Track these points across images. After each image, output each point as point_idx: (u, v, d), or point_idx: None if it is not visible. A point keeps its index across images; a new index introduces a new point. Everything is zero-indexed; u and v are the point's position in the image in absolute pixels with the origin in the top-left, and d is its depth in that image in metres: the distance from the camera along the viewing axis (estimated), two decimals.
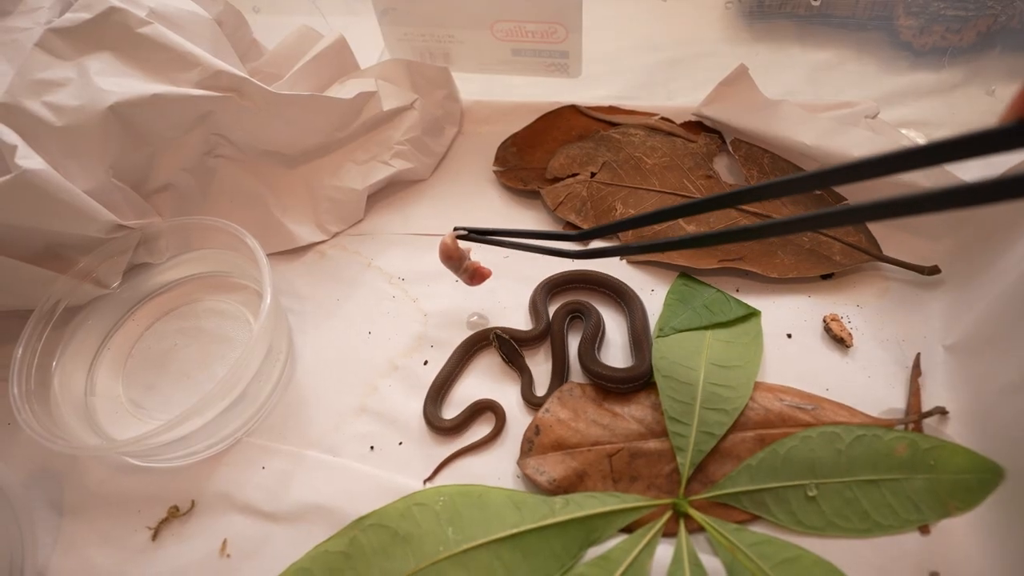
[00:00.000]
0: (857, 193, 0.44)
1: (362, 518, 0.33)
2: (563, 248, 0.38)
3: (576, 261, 0.38)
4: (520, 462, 0.36)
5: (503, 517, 0.33)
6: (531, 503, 0.34)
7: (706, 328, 0.40)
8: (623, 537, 0.33)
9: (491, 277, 0.45)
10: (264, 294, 0.38)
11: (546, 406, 0.38)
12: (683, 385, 0.37)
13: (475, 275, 0.41)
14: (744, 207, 0.45)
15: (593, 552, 0.33)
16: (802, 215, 0.26)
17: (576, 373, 0.40)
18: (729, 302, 0.41)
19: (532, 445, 0.36)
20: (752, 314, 0.40)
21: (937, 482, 0.32)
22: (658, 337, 0.39)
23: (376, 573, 0.32)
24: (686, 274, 0.44)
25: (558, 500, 0.34)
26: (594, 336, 0.41)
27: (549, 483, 0.35)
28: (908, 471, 0.32)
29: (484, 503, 0.34)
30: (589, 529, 0.33)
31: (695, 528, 0.33)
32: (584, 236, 0.36)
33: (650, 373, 0.38)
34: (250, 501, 0.37)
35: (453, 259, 0.40)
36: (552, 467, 0.35)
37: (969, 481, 0.32)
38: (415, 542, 0.32)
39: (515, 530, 0.32)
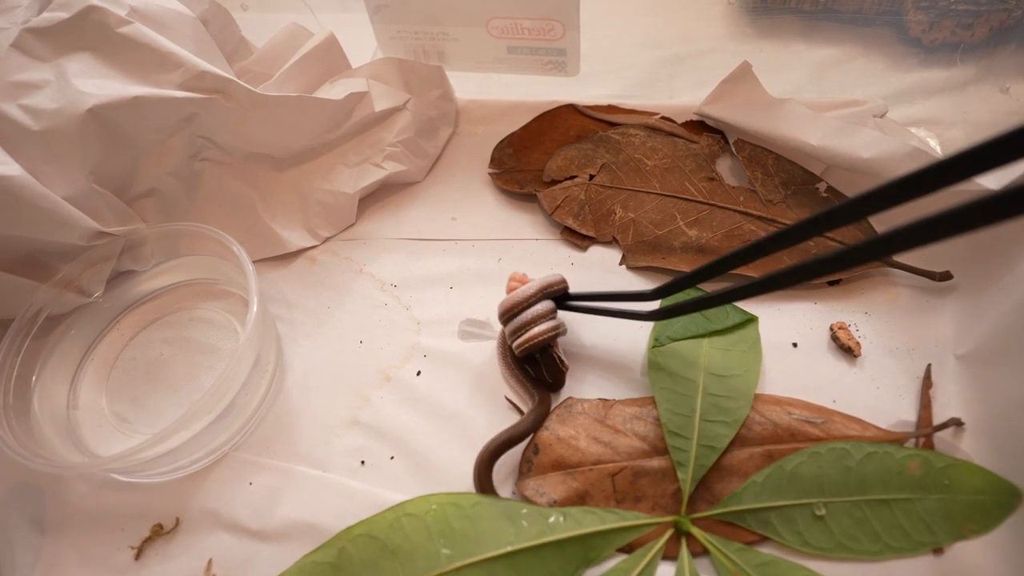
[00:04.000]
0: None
1: (350, 528, 0.32)
2: (638, 310, 0.36)
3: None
4: (519, 483, 0.35)
5: (497, 533, 0.32)
6: (526, 516, 0.32)
7: (703, 336, 0.38)
8: (622, 557, 0.32)
9: (487, 284, 0.44)
10: (250, 303, 0.37)
11: (545, 424, 0.36)
12: (681, 397, 0.36)
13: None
14: (749, 211, 0.43)
15: (591, 573, 0.31)
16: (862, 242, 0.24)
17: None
18: (725, 308, 0.40)
19: (531, 465, 0.35)
20: (749, 320, 0.39)
21: (952, 503, 0.31)
22: (654, 347, 0.38)
23: None
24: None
25: (554, 513, 0.32)
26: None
27: (550, 504, 0.33)
28: (921, 491, 0.31)
29: (477, 515, 0.32)
30: (587, 547, 0.32)
31: (699, 550, 0.32)
32: (656, 296, 0.34)
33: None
34: (237, 518, 0.36)
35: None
36: (552, 488, 0.34)
37: (985, 503, 0.30)
38: (404, 557, 0.31)
39: (510, 548, 0.31)
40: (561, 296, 0.39)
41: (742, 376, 0.36)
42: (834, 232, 0.42)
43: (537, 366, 0.38)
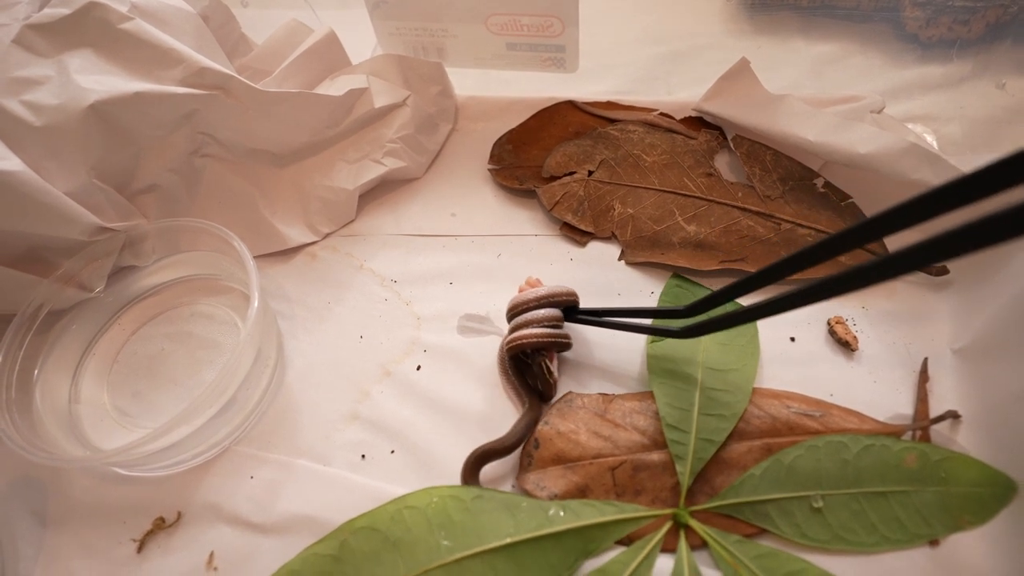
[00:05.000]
0: (861, 192, 0.43)
1: (352, 520, 0.32)
2: (667, 327, 0.36)
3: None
4: (519, 478, 0.35)
5: (497, 526, 0.32)
6: (526, 509, 0.32)
7: None
8: (621, 550, 0.32)
9: (487, 279, 0.44)
10: (251, 298, 0.37)
11: (545, 418, 0.36)
12: (680, 391, 0.36)
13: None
14: (747, 207, 0.44)
15: (590, 565, 0.32)
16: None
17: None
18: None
19: (532, 460, 0.35)
20: None
21: (948, 495, 0.31)
22: (653, 343, 0.38)
23: None
24: (679, 275, 0.42)
25: (553, 506, 0.32)
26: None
27: (550, 498, 0.34)
28: (918, 483, 0.31)
29: (477, 508, 0.32)
30: (586, 540, 0.32)
31: (697, 542, 0.32)
32: (690, 313, 0.34)
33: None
34: (238, 512, 0.36)
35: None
36: (553, 482, 0.34)
37: (982, 495, 0.31)
38: (406, 549, 0.31)
39: (510, 540, 0.31)
40: (575, 308, 0.39)
41: (740, 370, 0.36)
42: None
43: (531, 373, 0.39)
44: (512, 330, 0.38)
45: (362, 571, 0.31)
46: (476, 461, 0.35)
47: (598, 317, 0.39)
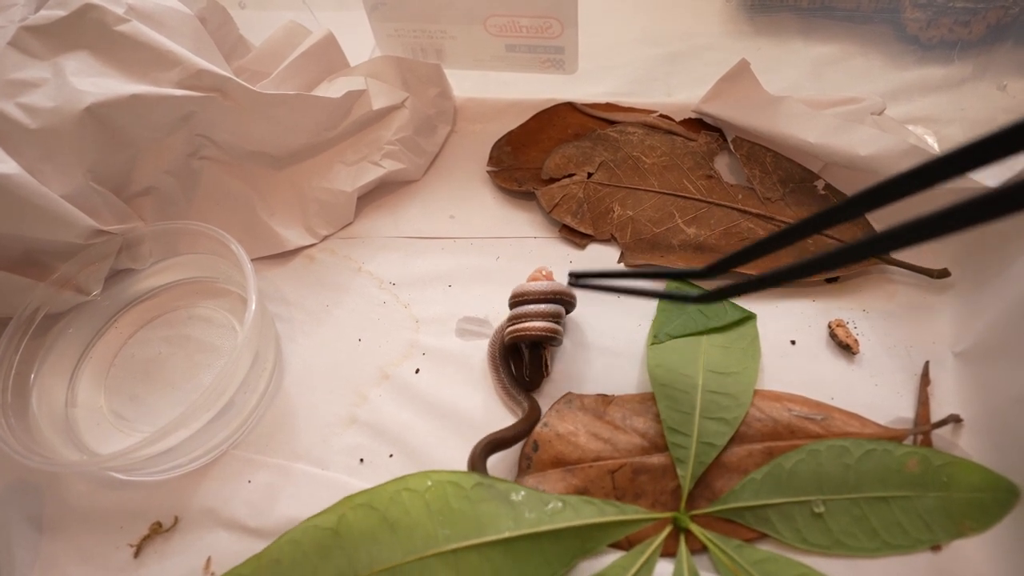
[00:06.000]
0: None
1: (352, 496, 0.31)
2: (685, 294, 0.34)
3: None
4: (518, 480, 0.35)
5: (496, 518, 0.31)
6: (525, 500, 0.31)
7: (701, 333, 0.38)
8: (620, 553, 0.32)
9: (486, 282, 0.44)
10: (249, 301, 0.37)
11: (544, 420, 0.36)
12: (681, 394, 0.36)
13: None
14: (747, 209, 0.43)
15: (588, 567, 0.31)
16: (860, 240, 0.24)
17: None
18: (723, 305, 0.40)
19: (531, 462, 0.35)
20: (747, 317, 0.39)
21: (950, 500, 0.31)
22: (653, 344, 0.38)
23: (364, 557, 0.30)
24: (678, 277, 0.42)
25: (553, 499, 0.32)
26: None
27: None
28: (920, 488, 0.31)
29: (476, 497, 0.31)
30: (584, 538, 0.31)
31: (698, 546, 0.32)
32: (708, 274, 0.32)
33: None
34: (235, 516, 0.36)
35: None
36: (552, 485, 0.34)
37: (984, 500, 0.30)
38: (403, 532, 0.30)
39: (508, 534, 0.31)
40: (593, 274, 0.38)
41: (741, 373, 0.36)
42: (838, 231, 0.42)
43: (520, 362, 0.38)
44: (516, 317, 0.38)
45: (359, 549, 0.30)
46: (485, 448, 0.35)
47: (606, 278, 0.37)
